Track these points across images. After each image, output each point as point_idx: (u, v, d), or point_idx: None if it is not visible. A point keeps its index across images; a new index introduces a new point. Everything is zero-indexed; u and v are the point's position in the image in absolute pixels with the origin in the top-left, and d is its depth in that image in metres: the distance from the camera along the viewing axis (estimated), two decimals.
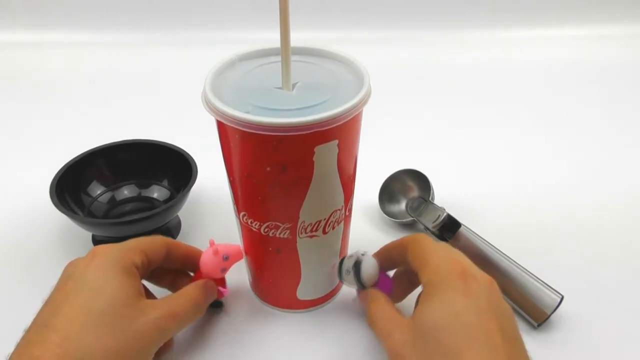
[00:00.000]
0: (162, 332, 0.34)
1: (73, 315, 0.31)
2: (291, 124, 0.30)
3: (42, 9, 0.90)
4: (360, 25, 0.92)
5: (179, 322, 0.35)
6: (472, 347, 0.29)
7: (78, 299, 0.32)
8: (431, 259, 0.34)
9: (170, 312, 0.35)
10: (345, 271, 0.39)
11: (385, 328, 0.34)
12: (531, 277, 0.43)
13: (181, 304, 0.36)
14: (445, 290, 0.32)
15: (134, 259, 0.35)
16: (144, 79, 0.83)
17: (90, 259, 0.34)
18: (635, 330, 0.42)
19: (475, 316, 0.30)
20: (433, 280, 0.33)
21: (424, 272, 0.34)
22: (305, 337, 0.42)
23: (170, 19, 0.91)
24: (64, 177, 0.48)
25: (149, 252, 0.36)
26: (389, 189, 0.54)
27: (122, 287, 0.33)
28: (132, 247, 0.36)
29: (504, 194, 0.57)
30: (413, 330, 0.32)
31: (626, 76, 0.84)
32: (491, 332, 0.30)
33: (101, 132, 0.64)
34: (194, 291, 0.37)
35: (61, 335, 0.30)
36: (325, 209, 0.37)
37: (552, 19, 0.93)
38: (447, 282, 0.32)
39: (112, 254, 0.35)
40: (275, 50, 0.37)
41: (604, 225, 0.53)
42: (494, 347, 0.29)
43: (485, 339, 0.29)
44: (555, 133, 0.70)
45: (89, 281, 0.33)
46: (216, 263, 0.39)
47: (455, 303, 0.31)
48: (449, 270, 0.33)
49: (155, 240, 0.38)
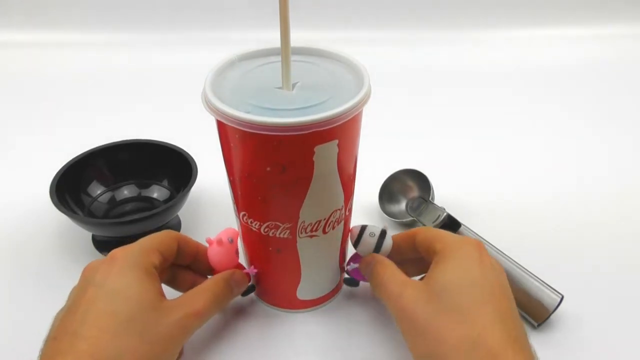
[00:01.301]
0: (186, 331, 0.34)
1: (101, 323, 0.31)
2: (291, 124, 0.30)
3: (41, 9, 0.90)
4: (360, 25, 0.92)
5: (201, 319, 0.35)
6: (483, 308, 0.31)
7: (103, 305, 0.32)
8: (447, 235, 0.36)
9: (193, 310, 0.35)
10: (370, 233, 0.39)
11: (395, 288, 0.35)
12: (531, 276, 0.43)
13: (202, 300, 0.36)
14: (463, 256, 0.34)
15: (153, 261, 0.35)
16: (144, 78, 0.83)
17: (110, 263, 0.34)
18: (635, 330, 0.42)
19: (488, 285, 0.32)
20: (450, 246, 0.35)
21: (439, 243, 0.35)
22: (305, 337, 0.42)
23: (170, 19, 0.91)
24: (64, 177, 0.48)
25: (163, 251, 0.36)
26: (389, 188, 0.54)
27: (145, 290, 0.33)
28: (148, 248, 0.36)
29: (503, 194, 0.58)
30: (426, 289, 0.33)
31: (626, 76, 0.84)
32: (502, 303, 0.31)
33: (101, 132, 0.64)
34: (213, 286, 0.37)
35: (91, 343, 0.30)
36: (325, 208, 0.37)
37: (552, 19, 0.93)
38: (464, 248, 0.34)
39: (132, 257, 0.34)
40: (275, 50, 0.37)
41: (604, 224, 0.53)
42: (505, 316, 0.31)
43: (497, 306, 0.31)
44: (555, 133, 0.70)
45: (112, 287, 0.33)
46: (227, 251, 0.38)
47: (470, 268, 0.33)
48: (466, 241, 0.35)
49: (167, 235, 0.38)
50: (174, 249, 0.37)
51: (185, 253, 0.39)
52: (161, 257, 0.36)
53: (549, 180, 0.60)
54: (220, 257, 0.38)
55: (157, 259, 0.35)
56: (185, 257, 0.39)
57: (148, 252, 0.35)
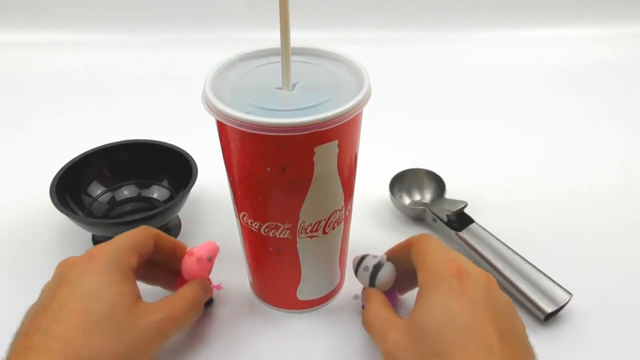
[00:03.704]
0: (162, 335, 0.34)
1: (74, 321, 0.30)
2: (291, 125, 0.30)
3: (42, 9, 0.90)
4: (360, 25, 0.92)
5: (178, 324, 0.35)
6: (466, 349, 0.29)
7: (77, 304, 0.31)
8: (429, 258, 0.34)
9: (170, 315, 0.34)
10: (364, 267, 0.39)
11: (379, 330, 0.34)
12: (541, 273, 0.44)
13: (180, 306, 0.36)
14: (441, 289, 0.31)
15: (131, 262, 0.34)
16: (144, 79, 0.83)
17: (88, 262, 0.33)
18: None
19: (471, 317, 0.30)
20: (429, 279, 0.33)
21: (421, 271, 0.34)
22: (305, 337, 0.42)
23: (171, 19, 0.91)
24: (64, 177, 0.48)
25: (141, 250, 0.36)
26: (403, 179, 0.54)
27: (121, 291, 0.33)
28: (127, 248, 0.35)
29: (512, 190, 0.58)
30: (408, 332, 0.32)
31: (626, 76, 0.84)
32: (488, 333, 0.29)
33: (101, 132, 0.64)
34: (190, 292, 0.37)
35: (63, 342, 0.29)
36: (325, 209, 0.37)
37: (552, 20, 0.93)
38: (442, 281, 0.32)
39: (110, 258, 0.34)
40: (275, 51, 0.37)
41: (615, 223, 0.53)
42: (490, 349, 0.29)
43: (481, 341, 0.29)
44: (566, 131, 0.69)
45: (88, 286, 0.32)
46: (203, 268, 0.39)
47: (450, 304, 0.30)
48: (445, 270, 0.32)
49: (145, 233, 0.37)
50: (151, 247, 0.37)
51: (161, 251, 0.38)
52: (139, 257, 0.35)
53: (560, 178, 0.60)
54: (194, 273, 0.39)
55: (135, 259, 0.35)
56: (162, 255, 0.38)
57: (126, 253, 0.35)
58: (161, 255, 0.38)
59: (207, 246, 0.39)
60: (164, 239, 0.39)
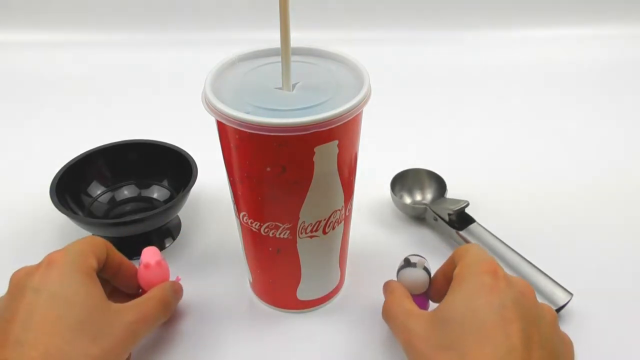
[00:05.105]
0: (135, 336, 0.33)
1: (47, 328, 0.29)
2: (291, 125, 0.30)
3: (41, 9, 0.90)
4: (360, 25, 0.91)
5: (149, 325, 0.35)
6: (484, 347, 0.28)
7: (46, 310, 0.30)
8: (469, 255, 0.34)
9: (142, 315, 0.34)
10: (403, 259, 0.39)
11: (402, 320, 0.34)
12: (542, 273, 0.44)
13: (151, 306, 0.35)
14: (472, 284, 0.31)
15: (92, 264, 0.33)
16: (144, 79, 0.83)
17: (48, 267, 0.32)
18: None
19: (495, 315, 0.29)
20: (463, 273, 0.32)
21: (458, 267, 0.33)
22: (305, 337, 0.42)
23: (171, 19, 0.91)
24: (64, 177, 0.48)
25: (97, 254, 0.35)
26: (404, 178, 0.54)
27: (90, 293, 0.32)
28: (86, 250, 0.34)
29: (514, 190, 0.58)
30: (431, 323, 0.31)
31: (627, 76, 0.84)
32: (511, 334, 0.28)
33: (101, 132, 0.64)
34: (161, 293, 0.37)
35: (41, 351, 0.28)
36: (325, 209, 0.37)
37: (552, 20, 0.93)
38: (475, 277, 0.31)
39: (72, 260, 0.33)
40: (275, 51, 0.37)
41: (618, 224, 0.53)
42: (511, 350, 0.27)
43: (502, 340, 0.28)
44: (563, 134, 0.69)
45: (53, 291, 0.31)
46: (156, 273, 0.39)
47: (477, 298, 0.30)
48: (481, 267, 0.32)
49: (97, 239, 0.36)
50: (104, 254, 0.36)
51: (111, 262, 0.36)
52: (97, 260, 0.34)
53: (560, 178, 0.60)
54: (150, 280, 0.39)
55: (95, 262, 0.34)
56: (110, 267, 0.37)
57: (86, 255, 0.33)
58: (108, 268, 0.37)
59: (147, 252, 0.39)
60: (114, 251, 0.37)
